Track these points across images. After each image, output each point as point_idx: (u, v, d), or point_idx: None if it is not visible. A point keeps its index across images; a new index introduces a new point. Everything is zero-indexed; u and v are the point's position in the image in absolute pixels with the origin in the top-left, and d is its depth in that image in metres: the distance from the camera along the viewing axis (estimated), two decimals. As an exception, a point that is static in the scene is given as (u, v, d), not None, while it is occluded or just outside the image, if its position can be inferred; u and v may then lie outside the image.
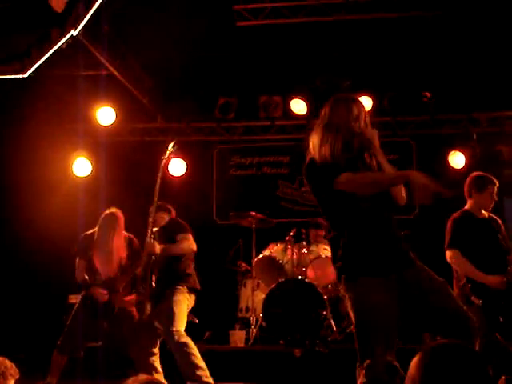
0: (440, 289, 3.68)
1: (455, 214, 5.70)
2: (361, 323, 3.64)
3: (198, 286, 5.84)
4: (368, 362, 3.51)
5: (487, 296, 5.36)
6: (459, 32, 7.97)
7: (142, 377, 2.66)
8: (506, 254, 5.53)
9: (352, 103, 3.89)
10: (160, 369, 5.67)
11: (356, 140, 3.78)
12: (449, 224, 5.65)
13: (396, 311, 3.62)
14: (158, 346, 5.73)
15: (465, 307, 3.69)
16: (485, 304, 5.34)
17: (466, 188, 5.78)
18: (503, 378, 3.63)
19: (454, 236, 5.56)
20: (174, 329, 5.41)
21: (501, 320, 5.28)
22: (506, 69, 8.17)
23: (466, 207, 5.75)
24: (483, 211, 5.73)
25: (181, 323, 5.50)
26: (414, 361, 2.24)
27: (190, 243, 5.82)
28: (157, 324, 5.55)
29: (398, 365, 3.46)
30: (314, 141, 3.88)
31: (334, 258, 3.85)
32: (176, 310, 5.53)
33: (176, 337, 5.37)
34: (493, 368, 3.54)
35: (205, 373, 5.27)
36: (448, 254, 5.55)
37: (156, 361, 5.68)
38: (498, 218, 5.84)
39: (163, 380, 5.57)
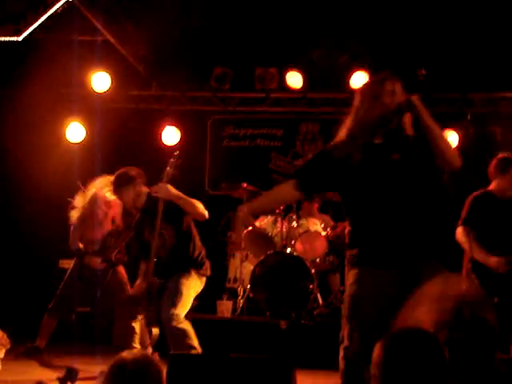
0: None
1: (475, 193, 5.68)
2: (346, 308, 3.66)
3: (209, 272, 5.61)
4: (346, 344, 3.57)
5: (486, 276, 5.40)
6: (456, 12, 7.94)
7: (137, 352, 2.68)
8: None
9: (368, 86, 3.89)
10: (138, 347, 5.63)
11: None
12: (467, 202, 5.64)
13: (385, 307, 3.42)
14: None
15: None
16: (482, 284, 5.37)
17: (490, 169, 5.76)
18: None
19: (469, 214, 5.55)
20: (175, 311, 5.14)
21: (495, 301, 5.31)
22: (501, 50, 8.15)
23: (489, 187, 5.71)
24: (508, 194, 5.65)
25: (183, 308, 5.24)
26: (377, 346, 2.34)
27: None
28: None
29: None
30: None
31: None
32: (183, 292, 5.27)
33: (175, 321, 5.09)
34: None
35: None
36: (457, 230, 5.56)
37: (132, 337, 5.64)
38: None
39: None
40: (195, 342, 5.12)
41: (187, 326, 5.17)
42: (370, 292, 3.55)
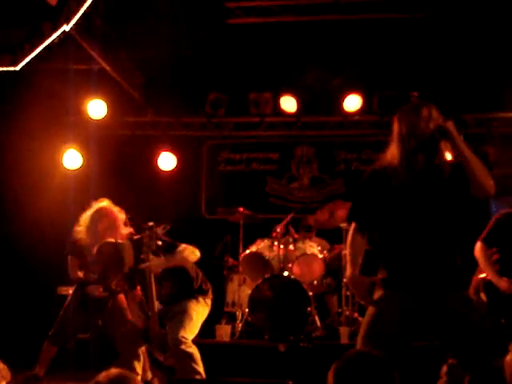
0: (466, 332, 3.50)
1: (503, 211, 5.70)
2: (364, 326, 3.67)
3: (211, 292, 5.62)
4: None
5: (496, 297, 5.42)
6: (448, 34, 8.06)
7: (114, 371, 2.71)
8: None
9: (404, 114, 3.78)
10: (140, 372, 5.55)
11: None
12: (492, 219, 5.67)
13: (403, 332, 3.58)
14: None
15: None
16: (490, 303, 5.41)
17: None
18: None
19: (490, 232, 5.57)
20: (185, 335, 5.10)
21: (502, 322, 5.35)
22: (492, 72, 8.25)
23: None
24: None
25: (191, 332, 5.21)
26: (330, 370, 2.41)
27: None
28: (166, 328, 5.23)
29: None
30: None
31: None
32: (192, 317, 5.25)
33: (184, 345, 5.04)
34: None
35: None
36: (476, 245, 5.55)
37: (137, 362, 5.53)
38: None
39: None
40: (201, 368, 5.07)
41: (195, 350, 5.13)
42: (391, 316, 3.57)
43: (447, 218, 3.64)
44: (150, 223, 5.24)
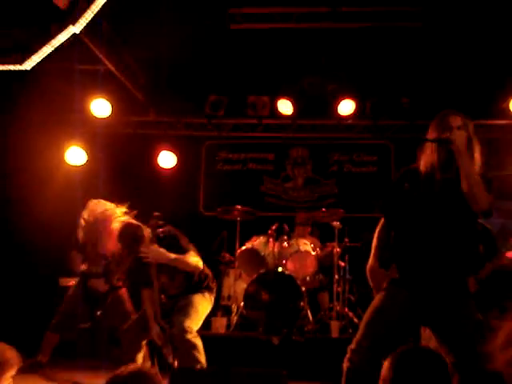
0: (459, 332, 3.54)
1: None
2: (368, 314, 3.70)
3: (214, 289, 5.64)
4: (353, 346, 3.60)
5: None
6: (438, 44, 8.12)
7: (133, 367, 2.73)
8: (486, 257, 5.60)
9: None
10: (140, 362, 5.53)
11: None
12: None
13: (399, 322, 3.61)
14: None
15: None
16: None
17: None
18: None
19: None
20: (191, 325, 5.11)
21: None
22: (478, 81, 8.30)
23: None
24: None
25: (196, 324, 5.22)
26: (386, 363, 2.40)
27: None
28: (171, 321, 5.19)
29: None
30: None
31: None
32: (198, 309, 5.27)
33: (190, 334, 5.04)
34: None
35: None
36: None
37: (138, 354, 5.49)
38: (486, 225, 5.91)
39: None
40: (203, 358, 5.10)
41: (199, 341, 5.14)
42: (396, 308, 3.59)
43: (460, 230, 3.62)
44: (155, 213, 5.28)
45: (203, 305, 5.39)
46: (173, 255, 5.21)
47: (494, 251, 5.66)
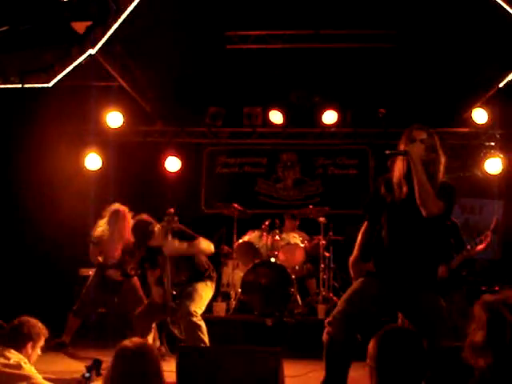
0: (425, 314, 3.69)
1: None
2: (346, 294, 3.85)
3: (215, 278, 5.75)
4: (329, 319, 3.75)
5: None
6: (410, 61, 8.20)
7: (138, 340, 2.80)
8: (456, 249, 5.69)
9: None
10: (151, 342, 5.63)
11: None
12: None
13: (371, 304, 3.74)
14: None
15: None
16: None
17: None
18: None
19: None
20: (196, 309, 5.23)
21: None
22: (447, 93, 8.39)
23: None
24: None
25: (200, 308, 5.34)
26: (372, 342, 2.49)
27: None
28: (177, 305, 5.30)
29: (358, 337, 3.70)
30: None
31: None
32: (202, 295, 5.38)
33: (195, 317, 5.17)
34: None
35: None
36: None
37: (149, 335, 5.64)
38: (454, 220, 6.00)
39: None
40: (206, 339, 5.21)
41: (203, 323, 5.26)
42: (370, 292, 3.74)
43: (425, 232, 3.74)
44: (171, 210, 5.37)
45: (206, 292, 5.51)
46: (185, 245, 5.35)
47: (462, 244, 5.76)
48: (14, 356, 3.89)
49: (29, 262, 8.43)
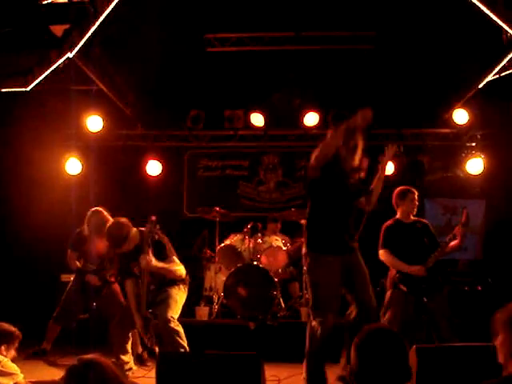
0: (362, 276, 4.88)
1: (387, 222, 5.95)
2: (311, 288, 4.29)
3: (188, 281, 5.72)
4: (320, 319, 4.09)
5: (412, 283, 5.63)
6: (391, 63, 8.22)
7: (87, 356, 2.74)
8: (430, 248, 5.76)
9: None
10: (129, 350, 5.66)
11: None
12: (382, 230, 5.90)
13: (337, 282, 4.74)
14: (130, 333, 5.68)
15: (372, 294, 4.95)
16: (410, 290, 5.61)
17: (393, 201, 6.02)
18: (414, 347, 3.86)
19: (385, 239, 5.82)
20: (173, 315, 5.24)
21: (425, 300, 5.55)
22: (427, 96, 8.43)
23: (397, 216, 5.99)
24: (411, 216, 5.97)
25: (176, 313, 5.35)
26: (353, 343, 2.44)
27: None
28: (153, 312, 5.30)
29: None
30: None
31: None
32: (177, 300, 5.38)
33: (173, 323, 5.17)
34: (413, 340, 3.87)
35: None
36: (379, 252, 5.81)
37: (128, 343, 5.63)
38: (424, 221, 6.06)
39: (130, 360, 5.68)
40: (185, 343, 5.20)
41: (181, 328, 5.25)
42: (325, 272, 4.77)
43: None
44: (153, 217, 5.31)
45: (180, 295, 5.49)
46: (160, 264, 5.31)
47: (436, 244, 5.82)
48: None
49: (8, 268, 8.35)
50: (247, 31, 8.29)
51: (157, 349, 5.29)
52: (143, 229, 5.35)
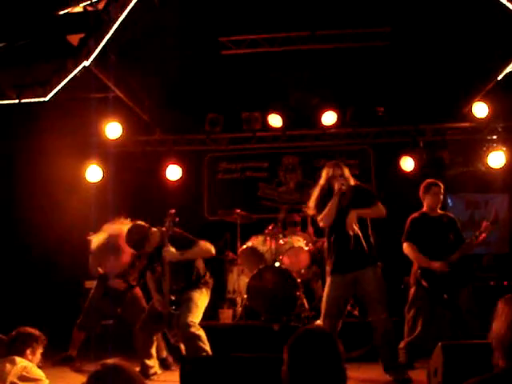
0: (368, 295, 5.36)
1: (413, 215, 5.89)
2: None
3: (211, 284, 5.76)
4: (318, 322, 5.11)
5: (433, 279, 5.55)
6: (408, 58, 8.16)
7: (110, 362, 2.71)
8: (455, 244, 5.69)
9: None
10: (154, 355, 5.68)
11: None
12: (407, 222, 5.84)
13: (342, 299, 5.45)
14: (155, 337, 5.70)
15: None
16: (431, 286, 5.54)
17: (420, 194, 5.97)
18: (439, 344, 3.81)
19: (408, 232, 5.77)
20: (194, 319, 5.23)
21: (445, 297, 5.48)
22: (447, 90, 8.33)
23: (423, 209, 5.93)
24: (438, 210, 5.90)
25: (198, 317, 5.34)
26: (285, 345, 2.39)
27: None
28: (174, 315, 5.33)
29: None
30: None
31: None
32: (198, 304, 5.38)
33: (193, 328, 5.16)
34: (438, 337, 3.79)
35: None
36: (403, 245, 5.75)
37: (152, 348, 5.64)
38: (451, 215, 5.99)
39: (155, 364, 5.68)
40: (207, 347, 5.18)
41: (202, 332, 5.23)
42: (334, 292, 5.44)
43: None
44: (172, 210, 5.33)
45: (202, 299, 5.50)
46: (185, 252, 5.38)
47: (461, 239, 5.74)
48: (20, 362, 4.09)
49: (33, 276, 8.42)
50: (261, 32, 8.27)
51: (181, 345, 5.30)
52: (164, 228, 5.37)
